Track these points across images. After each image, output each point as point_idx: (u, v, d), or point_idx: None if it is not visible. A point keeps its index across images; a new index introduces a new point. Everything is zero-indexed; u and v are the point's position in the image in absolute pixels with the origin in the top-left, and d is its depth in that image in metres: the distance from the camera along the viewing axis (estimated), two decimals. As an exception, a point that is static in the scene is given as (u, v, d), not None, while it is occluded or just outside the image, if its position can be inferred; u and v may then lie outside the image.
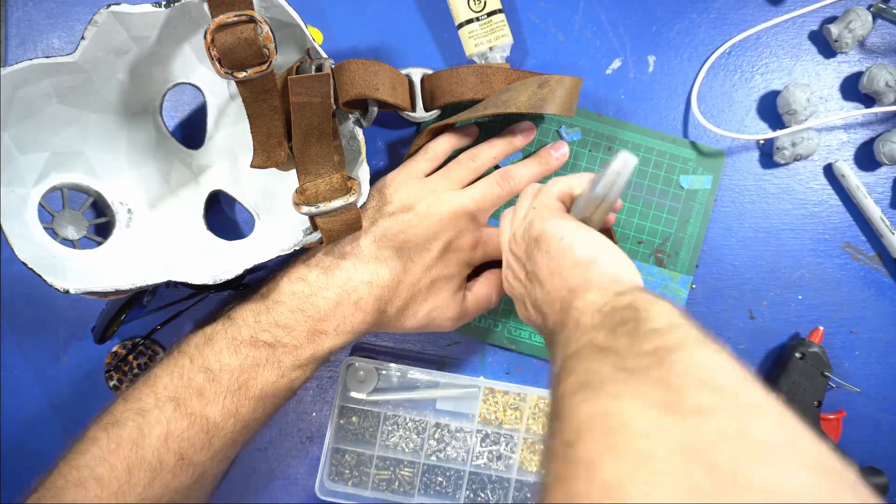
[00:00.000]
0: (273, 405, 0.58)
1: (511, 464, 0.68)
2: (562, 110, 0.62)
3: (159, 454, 0.53)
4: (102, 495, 0.51)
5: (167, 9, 0.57)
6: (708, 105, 0.70)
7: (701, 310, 0.70)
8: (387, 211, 0.62)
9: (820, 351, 0.67)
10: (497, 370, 0.69)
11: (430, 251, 0.61)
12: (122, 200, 0.65)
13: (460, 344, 0.69)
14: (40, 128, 0.60)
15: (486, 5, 0.67)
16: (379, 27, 0.70)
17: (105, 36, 0.57)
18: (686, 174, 0.69)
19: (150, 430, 0.53)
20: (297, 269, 0.60)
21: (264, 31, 0.55)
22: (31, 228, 0.60)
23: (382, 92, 0.61)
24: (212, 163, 0.68)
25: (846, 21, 0.67)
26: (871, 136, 0.69)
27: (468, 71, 0.65)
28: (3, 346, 0.70)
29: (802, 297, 0.70)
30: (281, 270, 0.61)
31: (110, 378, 0.69)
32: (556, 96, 0.62)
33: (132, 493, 0.52)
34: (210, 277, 0.59)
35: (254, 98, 0.57)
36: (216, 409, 0.55)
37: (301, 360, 0.58)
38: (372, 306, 0.60)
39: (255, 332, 0.57)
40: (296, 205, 0.58)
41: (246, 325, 0.58)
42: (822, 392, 0.67)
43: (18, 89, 0.57)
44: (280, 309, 0.58)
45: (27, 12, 0.70)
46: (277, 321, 0.58)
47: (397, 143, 0.70)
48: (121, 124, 0.64)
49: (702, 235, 0.69)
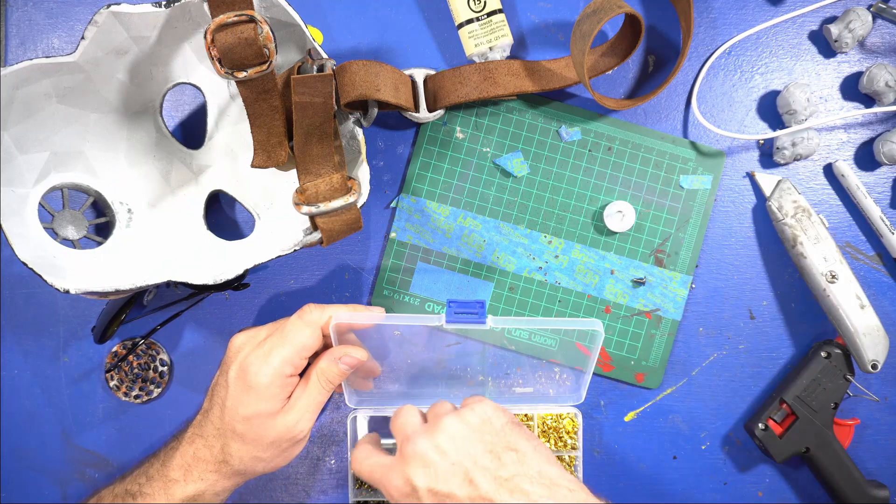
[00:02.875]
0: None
1: None
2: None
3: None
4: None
5: (167, 9, 0.57)
6: (708, 105, 0.70)
7: (701, 310, 0.70)
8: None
9: (845, 354, 0.67)
10: (497, 370, 0.69)
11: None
12: (122, 200, 0.65)
13: (460, 344, 0.69)
14: (40, 127, 0.60)
15: (486, 5, 0.67)
16: (379, 27, 0.70)
17: (105, 36, 0.57)
18: (686, 174, 0.69)
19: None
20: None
21: (264, 31, 0.55)
22: (31, 228, 0.60)
23: (384, 93, 0.61)
24: (212, 163, 0.68)
25: (846, 21, 0.67)
26: (870, 136, 0.70)
27: (471, 70, 0.65)
28: (3, 346, 0.70)
29: (802, 297, 0.70)
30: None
31: (110, 378, 0.69)
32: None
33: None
34: (210, 277, 0.59)
35: (254, 98, 0.57)
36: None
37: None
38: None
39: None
40: (296, 205, 0.59)
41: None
42: (840, 395, 0.67)
43: (18, 89, 0.57)
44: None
45: (27, 12, 0.70)
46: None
47: (397, 143, 0.70)
48: (121, 124, 0.64)
49: (702, 235, 0.69)
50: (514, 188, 0.70)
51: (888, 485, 0.68)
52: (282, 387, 0.58)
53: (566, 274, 0.70)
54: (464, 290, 0.70)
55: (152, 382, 0.70)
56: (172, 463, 0.60)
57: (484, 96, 0.66)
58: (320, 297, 0.70)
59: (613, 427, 0.70)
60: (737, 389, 0.70)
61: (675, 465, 0.70)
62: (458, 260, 0.70)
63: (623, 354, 0.70)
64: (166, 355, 0.70)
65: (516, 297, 0.70)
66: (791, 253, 0.67)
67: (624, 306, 0.70)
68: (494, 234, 0.70)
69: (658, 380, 0.70)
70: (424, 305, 0.70)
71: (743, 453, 0.70)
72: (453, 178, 0.70)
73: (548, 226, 0.70)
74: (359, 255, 0.70)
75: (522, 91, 0.66)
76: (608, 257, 0.70)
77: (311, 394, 0.60)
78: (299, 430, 0.59)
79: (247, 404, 0.58)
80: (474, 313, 0.60)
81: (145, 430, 0.70)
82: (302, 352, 0.59)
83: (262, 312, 0.70)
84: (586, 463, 0.70)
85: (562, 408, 0.69)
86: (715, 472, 0.70)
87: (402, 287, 0.70)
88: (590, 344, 0.65)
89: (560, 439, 0.69)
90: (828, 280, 0.66)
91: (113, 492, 0.62)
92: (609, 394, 0.70)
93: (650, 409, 0.70)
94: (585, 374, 0.65)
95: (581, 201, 0.70)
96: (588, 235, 0.70)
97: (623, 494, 0.70)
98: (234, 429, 0.59)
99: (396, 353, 0.67)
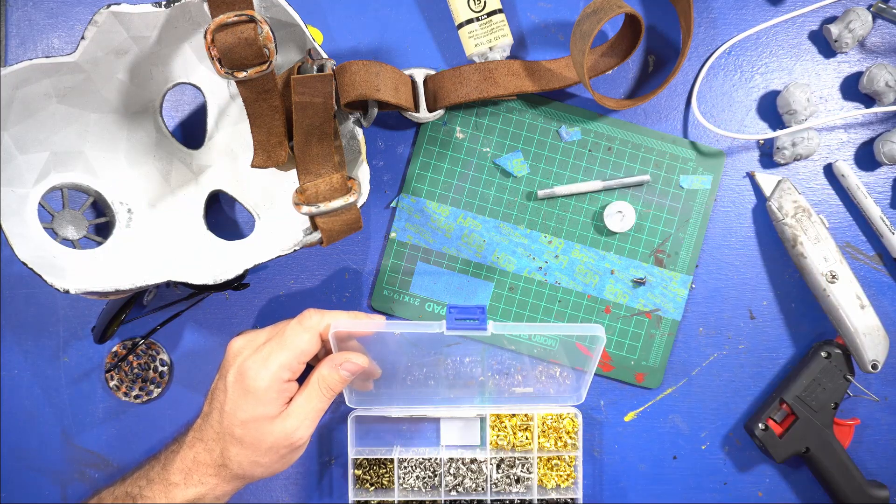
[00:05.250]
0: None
1: (530, 484, 0.68)
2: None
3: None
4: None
5: (167, 9, 0.57)
6: (708, 105, 0.70)
7: (701, 310, 0.70)
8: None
9: (845, 354, 0.67)
10: (497, 370, 0.69)
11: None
12: (122, 200, 0.65)
13: (460, 344, 0.69)
14: (40, 127, 0.60)
15: (486, 5, 0.67)
16: (379, 27, 0.70)
17: (105, 36, 0.57)
18: (686, 174, 0.69)
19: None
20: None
21: (264, 31, 0.55)
22: (31, 228, 0.60)
23: (384, 93, 0.61)
24: (212, 163, 0.68)
25: (846, 21, 0.67)
26: (871, 136, 0.70)
27: (471, 70, 0.65)
28: (3, 346, 0.70)
29: (802, 297, 0.70)
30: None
31: (110, 378, 0.69)
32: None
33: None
34: (210, 277, 0.59)
35: (254, 98, 0.57)
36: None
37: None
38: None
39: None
40: (296, 205, 0.59)
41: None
42: (840, 395, 0.67)
43: (18, 89, 0.57)
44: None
45: (27, 12, 0.70)
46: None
47: (397, 143, 0.70)
48: (121, 124, 0.64)
49: (702, 235, 0.69)
50: (514, 188, 0.70)
51: (888, 485, 0.68)
52: (279, 391, 0.58)
53: (566, 274, 0.70)
54: (464, 290, 0.70)
55: (152, 382, 0.70)
56: (173, 466, 0.60)
57: (484, 96, 0.66)
58: (320, 296, 0.70)
59: (613, 427, 0.70)
60: (737, 389, 0.70)
61: (675, 465, 0.70)
62: (458, 260, 0.70)
63: (623, 354, 0.70)
64: (166, 355, 0.70)
65: (516, 297, 0.70)
66: (791, 253, 0.67)
67: (624, 306, 0.70)
68: (494, 234, 0.70)
69: (658, 380, 0.70)
70: (424, 305, 0.70)
71: (743, 453, 0.70)
72: (453, 178, 0.70)
73: (548, 226, 0.70)
74: (359, 256, 0.70)
75: (522, 91, 0.66)
76: (608, 257, 0.70)
77: (311, 401, 0.60)
78: (298, 437, 0.59)
79: (245, 408, 0.58)
80: (475, 319, 0.60)
81: (145, 431, 0.70)
82: (300, 357, 0.59)
83: (262, 313, 0.70)
84: (586, 463, 0.70)
85: (562, 408, 0.69)
86: (715, 472, 0.70)
87: (402, 287, 0.70)
88: (590, 346, 0.65)
89: (560, 439, 0.69)
90: (828, 280, 0.66)
91: (113, 493, 0.62)
92: (609, 394, 0.70)
93: (650, 409, 0.70)
94: (586, 375, 0.65)
95: (581, 201, 0.70)
96: (588, 235, 0.70)
97: (623, 494, 0.70)
98: (232, 433, 0.59)
99: (396, 354, 0.67)
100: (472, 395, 0.69)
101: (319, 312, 0.60)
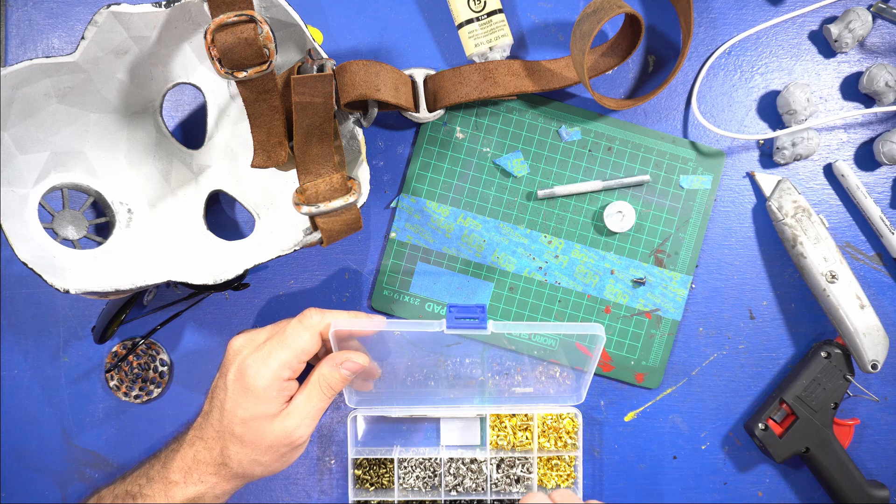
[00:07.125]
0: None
1: (530, 484, 0.68)
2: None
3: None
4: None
5: (167, 9, 0.57)
6: (708, 105, 0.70)
7: (701, 310, 0.70)
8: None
9: (845, 354, 0.67)
10: (497, 370, 0.69)
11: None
12: (123, 200, 0.65)
13: (460, 344, 0.69)
14: (40, 127, 0.60)
15: (486, 5, 0.67)
16: (379, 27, 0.70)
17: (105, 36, 0.57)
18: (686, 174, 0.69)
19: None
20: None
21: (264, 31, 0.55)
22: (31, 228, 0.60)
23: (384, 93, 0.61)
24: (212, 163, 0.68)
25: (846, 21, 0.67)
26: (870, 136, 0.70)
27: (471, 70, 0.65)
28: (3, 346, 0.70)
29: (802, 297, 0.70)
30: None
31: (110, 378, 0.69)
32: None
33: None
34: (210, 277, 0.59)
35: (254, 98, 0.57)
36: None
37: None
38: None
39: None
40: (296, 205, 0.59)
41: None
42: (840, 395, 0.67)
43: (18, 89, 0.57)
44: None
45: (27, 12, 0.70)
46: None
47: (397, 143, 0.70)
48: (121, 124, 0.64)
49: (702, 235, 0.69)
50: (514, 188, 0.70)
51: (888, 485, 0.68)
52: (279, 390, 0.58)
53: (566, 274, 0.70)
54: (464, 290, 0.70)
55: (152, 382, 0.70)
56: (173, 465, 0.60)
57: (484, 96, 0.66)
58: (320, 296, 0.70)
59: (613, 427, 0.70)
60: (737, 389, 0.70)
61: (675, 465, 0.70)
62: (458, 260, 0.70)
63: (623, 354, 0.70)
64: (166, 355, 0.70)
65: (516, 297, 0.70)
66: (791, 253, 0.67)
67: (624, 306, 0.70)
68: (494, 234, 0.70)
69: (658, 380, 0.70)
70: (424, 305, 0.70)
71: (743, 453, 0.70)
72: (453, 178, 0.70)
73: (548, 226, 0.70)
74: (359, 256, 0.70)
75: (522, 91, 0.66)
76: (608, 257, 0.70)
77: (311, 399, 0.60)
78: (298, 436, 0.59)
79: (245, 406, 0.58)
80: (475, 318, 0.60)
81: (145, 430, 0.70)
82: (300, 356, 0.59)
83: (262, 312, 0.70)
84: (586, 463, 0.70)
85: (562, 408, 0.69)
86: (715, 472, 0.70)
87: (402, 287, 0.70)
88: (590, 345, 0.65)
89: (560, 439, 0.69)
90: (828, 280, 0.66)
91: (113, 492, 0.62)
92: (609, 394, 0.70)
93: (650, 409, 0.70)
94: (586, 375, 0.65)
95: (581, 201, 0.70)
96: (588, 235, 0.70)
97: (623, 494, 0.70)
98: (232, 431, 0.59)
99: (396, 354, 0.67)
100: (472, 395, 0.69)
101: (320, 312, 0.60)
